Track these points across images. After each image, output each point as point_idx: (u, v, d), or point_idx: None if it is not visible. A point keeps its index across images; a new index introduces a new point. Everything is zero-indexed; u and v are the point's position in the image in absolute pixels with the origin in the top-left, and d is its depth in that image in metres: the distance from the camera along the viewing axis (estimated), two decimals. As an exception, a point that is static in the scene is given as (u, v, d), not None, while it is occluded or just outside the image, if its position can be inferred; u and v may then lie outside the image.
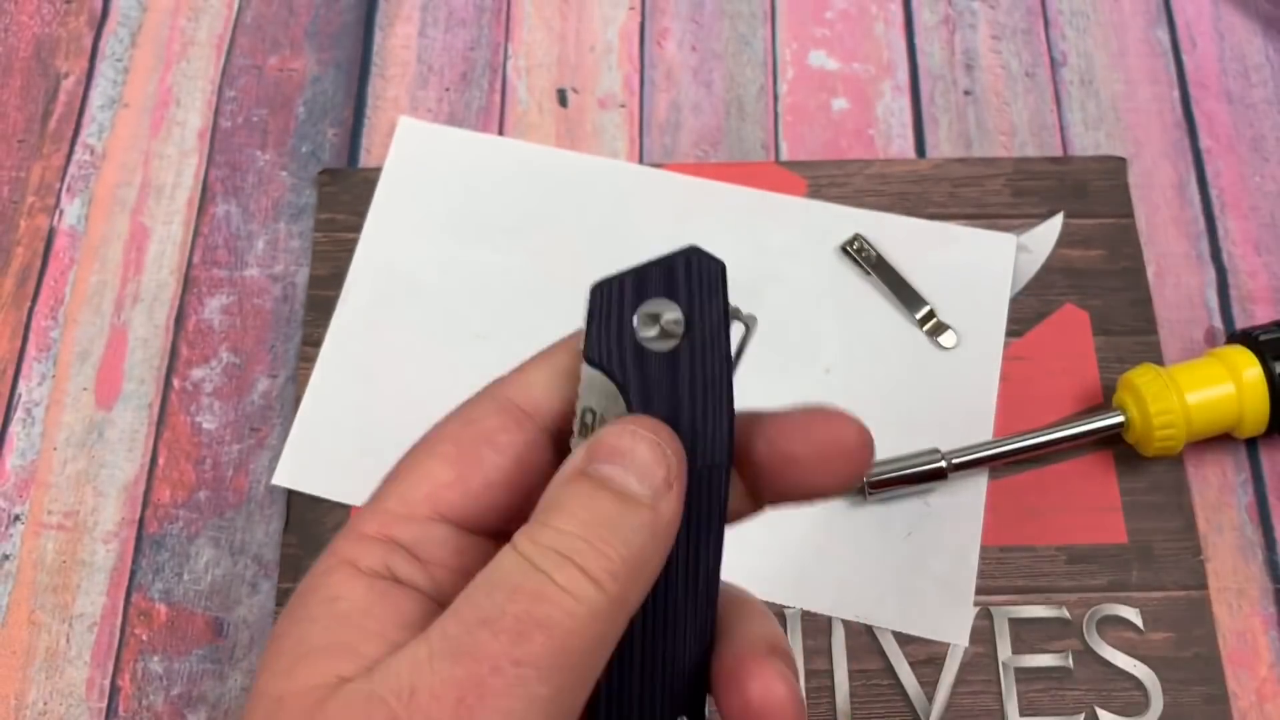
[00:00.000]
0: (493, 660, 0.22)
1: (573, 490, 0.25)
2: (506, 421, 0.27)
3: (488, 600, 0.23)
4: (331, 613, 0.25)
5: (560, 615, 0.23)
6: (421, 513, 0.27)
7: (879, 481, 0.50)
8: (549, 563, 0.23)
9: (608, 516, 0.24)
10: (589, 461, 0.25)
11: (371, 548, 0.26)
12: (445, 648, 0.23)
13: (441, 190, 0.57)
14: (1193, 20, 0.62)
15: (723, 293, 0.27)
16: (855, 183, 0.57)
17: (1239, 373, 0.49)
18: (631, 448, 0.25)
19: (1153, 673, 0.47)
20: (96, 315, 0.55)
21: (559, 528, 0.24)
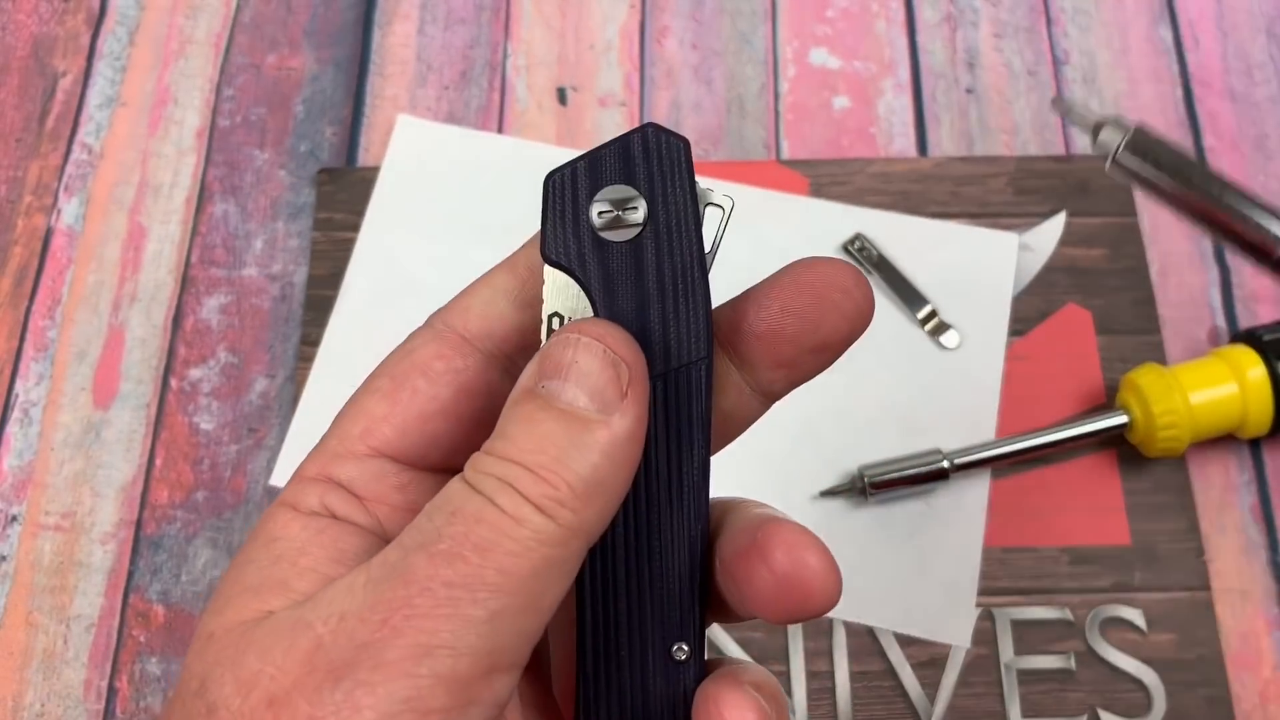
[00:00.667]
0: (422, 582, 0.21)
1: (517, 412, 0.23)
2: (443, 349, 0.26)
3: (427, 524, 0.22)
4: (268, 553, 0.24)
5: (498, 538, 0.22)
6: (358, 450, 0.26)
7: (881, 482, 0.49)
8: (489, 487, 0.22)
9: (553, 439, 0.22)
10: (537, 378, 0.23)
11: (310, 488, 0.26)
12: (381, 574, 0.22)
13: (441, 189, 0.57)
14: (1195, 19, 0.62)
15: (687, 173, 0.24)
16: (857, 181, 0.57)
17: (1242, 373, 0.49)
18: (574, 359, 0.23)
19: (1155, 674, 0.47)
20: (94, 315, 0.55)
21: (501, 454, 0.23)
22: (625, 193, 0.24)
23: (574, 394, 0.23)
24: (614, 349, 0.24)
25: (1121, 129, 0.24)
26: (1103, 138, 0.24)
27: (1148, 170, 0.24)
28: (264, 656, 0.22)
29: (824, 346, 0.26)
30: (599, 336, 0.24)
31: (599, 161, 0.24)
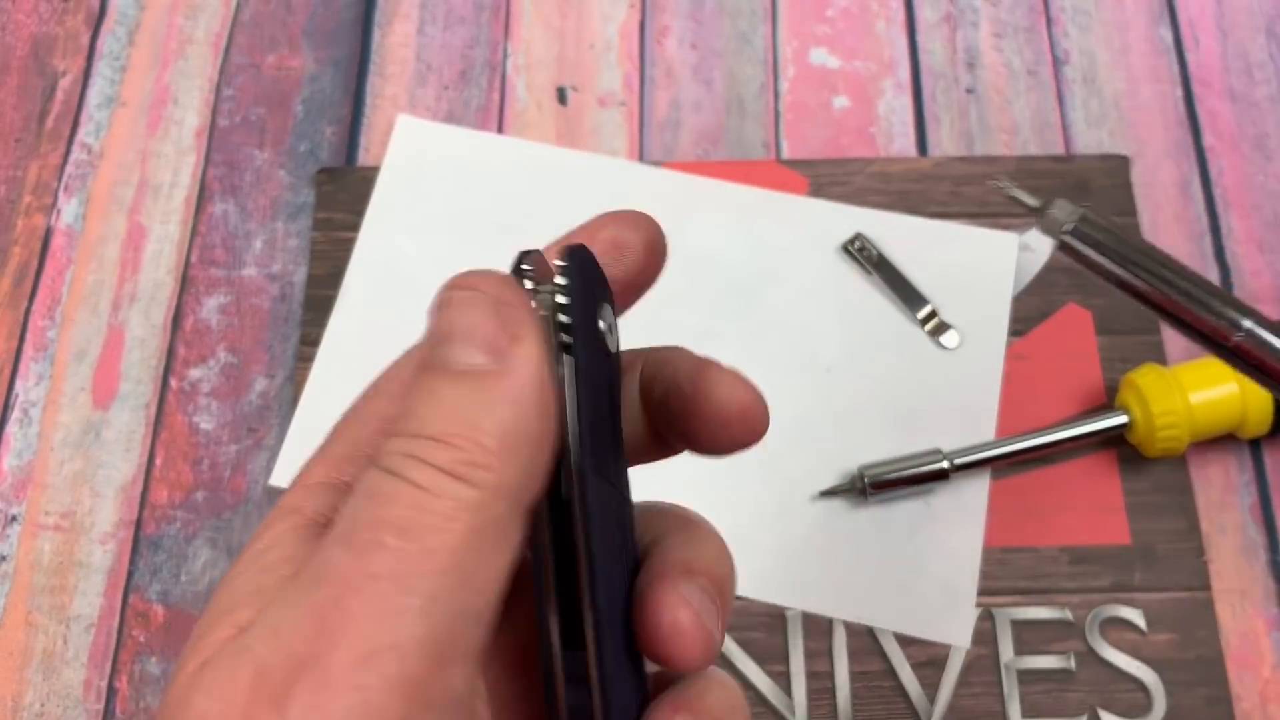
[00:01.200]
0: (347, 579, 0.20)
1: (416, 388, 0.22)
2: None
3: (345, 515, 0.21)
4: (255, 566, 0.23)
5: (417, 514, 0.20)
6: (367, 452, 0.24)
7: (881, 482, 0.49)
8: (399, 464, 0.21)
9: (455, 403, 0.21)
10: (429, 348, 0.22)
11: (315, 494, 0.24)
12: (307, 576, 0.20)
13: (440, 189, 0.57)
14: (1195, 18, 0.62)
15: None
16: (856, 181, 0.57)
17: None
18: (454, 317, 0.22)
19: (1155, 674, 0.47)
20: (93, 315, 0.55)
21: (407, 430, 0.21)
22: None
23: (465, 353, 0.22)
24: (491, 293, 0.22)
25: (1067, 211, 0.24)
26: (1047, 222, 0.24)
27: (1093, 254, 0.24)
28: (210, 693, 0.20)
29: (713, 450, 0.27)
30: (473, 285, 0.22)
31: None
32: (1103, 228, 0.24)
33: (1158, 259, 0.24)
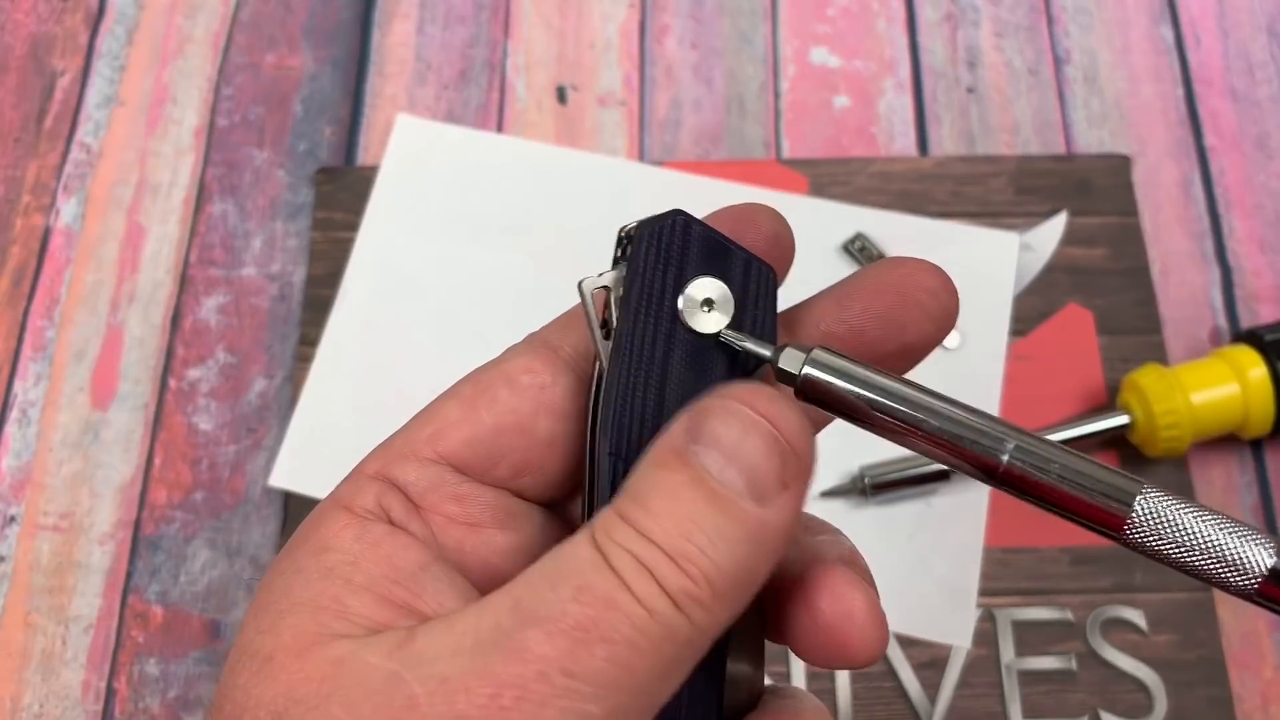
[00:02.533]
0: (541, 664, 0.19)
1: (662, 478, 0.21)
2: (533, 362, 0.25)
3: (551, 595, 0.20)
4: (317, 564, 0.23)
5: (629, 632, 0.20)
6: (423, 453, 0.24)
7: (882, 483, 0.49)
8: (626, 567, 0.20)
9: (699, 523, 0.20)
10: (690, 439, 0.21)
11: (368, 486, 0.24)
12: (493, 640, 0.20)
13: (440, 189, 0.57)
14: (1197, 18, 0.62)
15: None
16: (857, 181, 0.57)
17: (1244, 373, 0.49)
18: (736, 438, 0.21)
19: (1156, 675, 0.47)
20: (92, 315, 0.55)
21: (640, 527, 0.20)
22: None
23: (730, 474, 0.21)
24: (784, 435, 0.21)
25: (801, 350, 0.23)
26: (783, 363, 0.23)
27: (838, 387, 0.23)
28: (352, 710, 0.20)
29: (906, 351, 0.25)
30: (769, 416, 0.21)
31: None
32: (842, 359, 0.23)
33: (914, 387, 0.23)
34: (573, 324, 0.25)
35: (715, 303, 0.23)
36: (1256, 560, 0.21)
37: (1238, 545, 0.21)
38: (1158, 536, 0.22)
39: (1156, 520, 0.22)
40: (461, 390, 0.25)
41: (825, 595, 0.23)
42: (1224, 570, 0.22)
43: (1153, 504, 0.22)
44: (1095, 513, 0.22)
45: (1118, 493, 0.22)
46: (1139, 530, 0.22)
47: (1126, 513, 0.22)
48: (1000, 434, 0.23)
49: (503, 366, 0.25)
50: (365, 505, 0.24)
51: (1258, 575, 0.21)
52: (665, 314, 0.23)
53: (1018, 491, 0.23)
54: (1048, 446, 0.23)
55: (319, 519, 0.24)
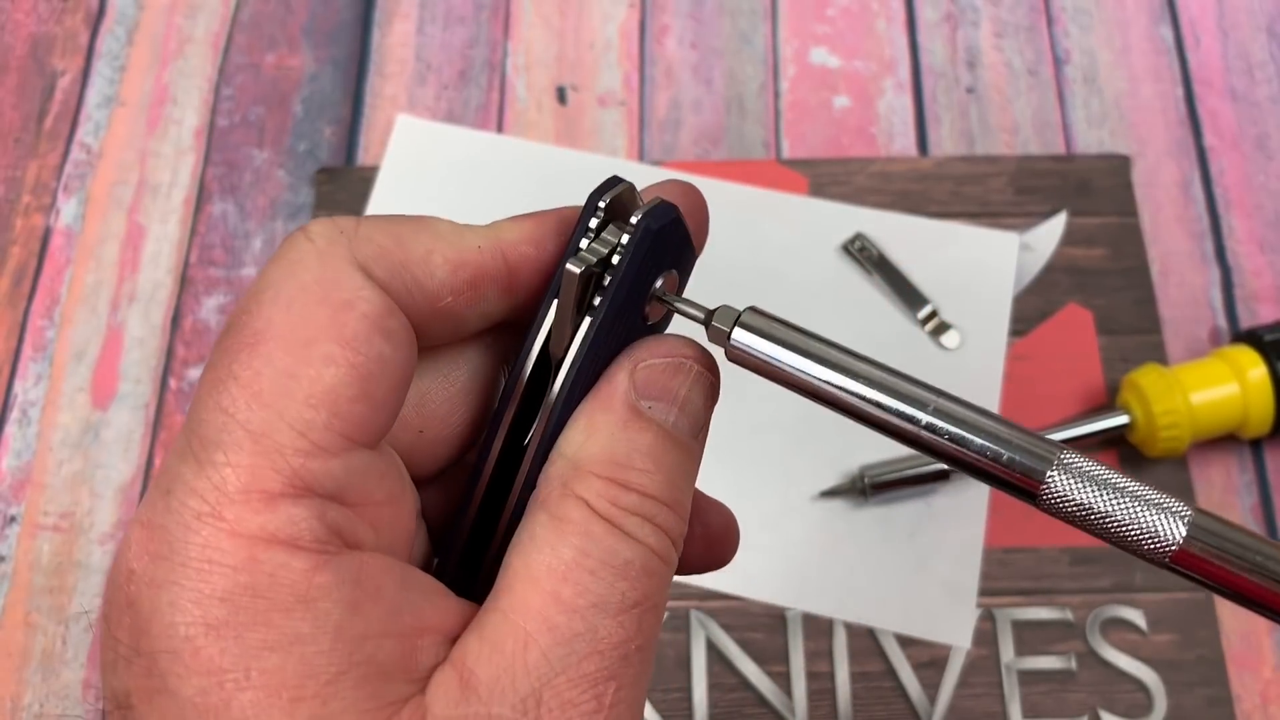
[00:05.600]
0: (620, 649, 0.20)
1: (637, 438, 0.23)
2: (383, 301, 0.22)
3: (594, 580, 0.21)
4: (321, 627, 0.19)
5: (662, 585, 0.22)
6: (328, 441, 0.20)
7: (881, 483, 0.49)
8: (645, 532, 0.22)
9: (677, 471, 0.23)
10: (638, 394, 0.23)
11: (297, 509, 0.20)
12: (559, 639, 0.20)
13: (440, 189, 0.57)
14: (1196, 18, 0.62)
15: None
16: (857, 181, 0.57)
17: (1244, 373, 0.49)
18: (688, 391, 0.24)
19: (1156, 675, 0.47)
20: (92, 315, 0.55)
21: (643, 489, 0.22)
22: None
23: (682, 422, 0.23)
24: (711, 378, 0.24)
25: (733, 312, 0.24)
26: (715, 324, 0.25)
27: (770, 348, 0.24)
28: None
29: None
30: (708, 368, 0.24)
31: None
32: (772, 320, 0.24)
33: (834, 347, 0.24)
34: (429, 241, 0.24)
35: (666, 291, 0.25)
36: (1170, 530, 0.22)
37: (1153, 514, 0.22)
38: (1073, 501, 0.22)
39: (1072, 487, 0.22)
40: (329, 351, 0.21)
41: (711, 512, 0.27)
42: (1140, 537, 0.22)
43: (1069, 469, 0.22)
44: (1011, 476, 0.23)
45: (1034, 457, 0.23)
46: (1054, 495, 0.22)
47: (1042, 477, 0.22)
48: (920, 396, 0.23)
49: (359, 310, 0.21)
50: (315, 533, 0.20)
51: (1172, 544, 0.22)
52: (636, 303, 0.25)
53: (935, 454, 0.23)
54: (966, 408, 0.23)
55: (258, 564, 0.19)
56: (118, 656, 0.20)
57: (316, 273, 0.21)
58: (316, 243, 0.22)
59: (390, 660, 0.20)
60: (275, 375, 0.20)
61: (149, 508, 0.20)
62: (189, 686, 0.19)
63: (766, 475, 0.50)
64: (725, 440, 0.51)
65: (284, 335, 0.20)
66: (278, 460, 0.20)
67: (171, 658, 0.19)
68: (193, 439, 0.20)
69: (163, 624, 0.19)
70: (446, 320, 0.23)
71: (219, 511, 0.19)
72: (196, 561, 0.19)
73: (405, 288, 0.22)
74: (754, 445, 0.51)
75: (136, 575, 0.20)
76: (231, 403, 0.20)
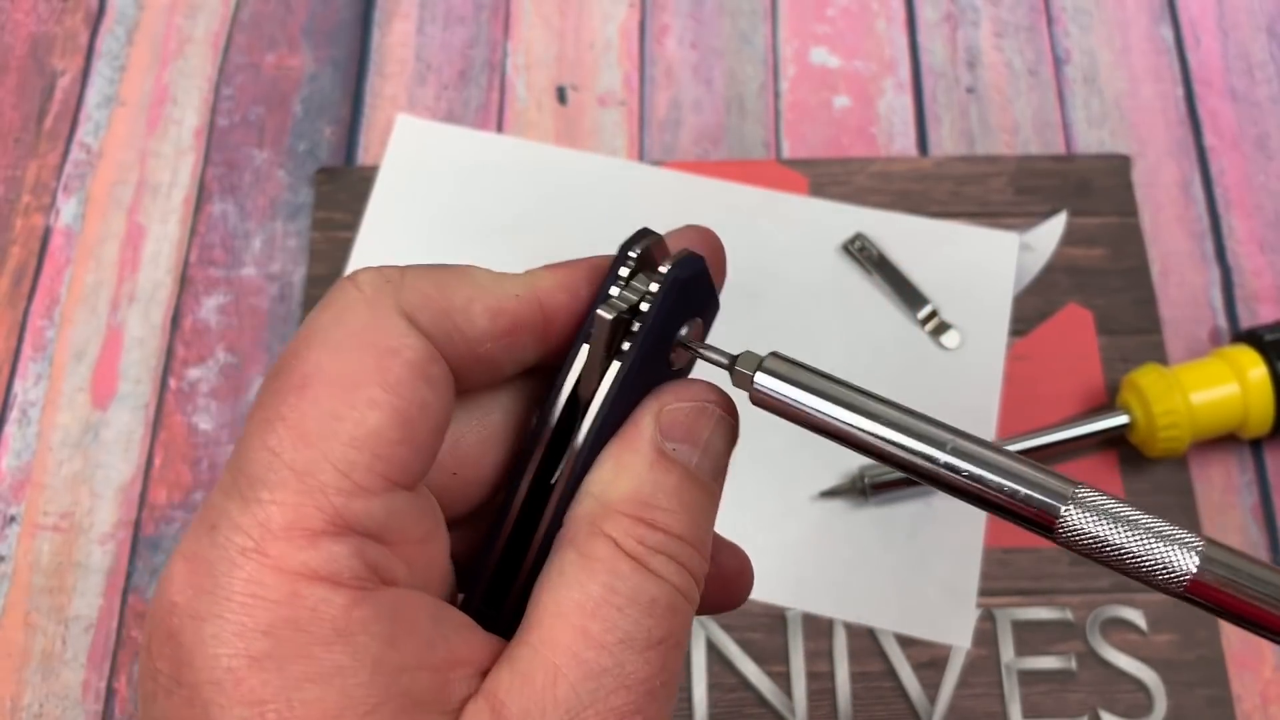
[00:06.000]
0: (647, 684, 0.21)
1: (662, 479, 0.23)
2: (431, 348, 0.22)
3: (621, 616, 0.21)
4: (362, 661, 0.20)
5: (686, 622, 0.22)
6: (369, 482, 0.21)
7: (881, 483, 0.49)
8: (670, 570, 0.22)
9: (700, 513, 0.24)
10: (663, 436, 0.24)
11: (340, 544, 0.20)
12: (587, 673, 0.21)
13: (440, 189, 0.57)
14: (1197, 18, 0.62)
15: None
16: (857, 181, 0.57)
17: (1244, 373, 0.49)
18: (711, 435, 0.24)
19: (1156, 675, 0.47)
20: (92, 315, 0.55)
21: (668, 529, 0.23)
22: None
23: (705, 464, 0.24)
24: (732, 422, 0.25)
25: (755, 357, 0.25)
26: (739, 368, 0.25)
27: (792, 392, 0.25)
28: None
29: None
30: (730, 412, 0.25)
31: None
32: (794, 364, 0.25)
33: (857, 390, 0.25)
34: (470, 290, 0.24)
35: (691, 339, 0.26)
36: (1183, 562, 0.22)
37: (1166, 548, 0.22)
38: (1089, 535, 0.23)
39: (1087, 521, 0.23)
40: (372, 395, 0.21)
41: (725, 553, 0.27)
42: (1154, 570, 0.23)
43: (1084, 505, 0.23)
44: (1028, 512, 0.23)
45: (1050, 493, 0.23)
46: (1070, 530, 0.23)
47: (1058, 513, 0.23)
48: (938, 437, 0.24)
49: (404, 357, 0.22)
50: (354, 570, 0.20)
51: (1185, 575, 0.22)
52: (663, 349, 0.25)
53: (954, 491, 0.24)
54: (983, 447, 0.24)
55: (300, 599, 0.20)
56: (158, 687, 0.20)
57: (364, 320, 0.22)
58: (364, 290, 0.23)
59: (425, 692, 0.21)
60: (321, 417, 0.21)
61: (193, 542, 0.21)
62: (231, 717, 0.19)
63: (766, 475, 0.50)
64: (725, 440, 0.51)
65: (330, 379, 0.21)
66: (321, 499, 0.21)
67: (214, 689, 0.19)
68: (239, 477, 0.21)
69: (205, 656, 0.20)
70: (484, 366, 0.24)
71: (263, 548, 0.20)
72: (240, 595, 0.20)
73: (447, 335, 0.23)
74: (754, 445, 0.51)
75: (179, 608, 0.20)
76: (278, 443, 0.21)
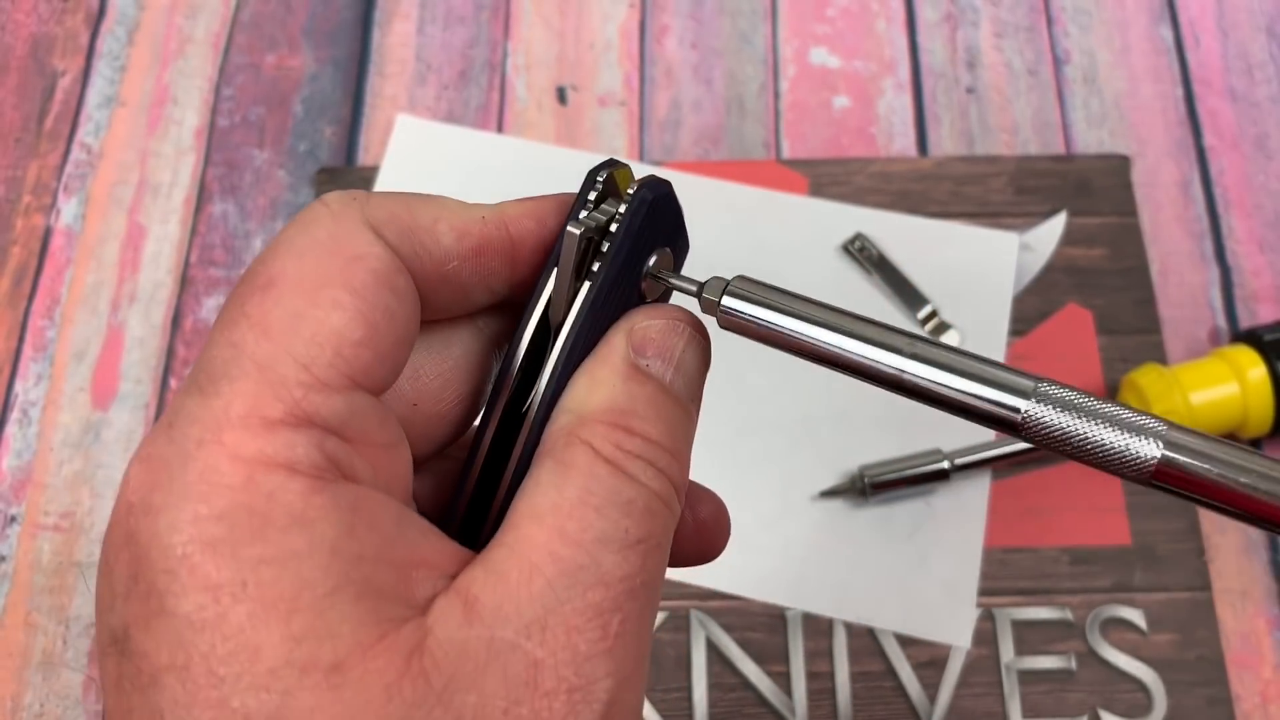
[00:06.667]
0: (625, 583, 0.21)
1: (637, 390, 0.24)
2: (391, 259, 0.23)
3: (598, 516, 0.21)
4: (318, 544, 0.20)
5: (666, 525, 0.23)
6: (331, 378, 0.21)
7: (881, 483, 0.49)
8: (648, 475, 0.23)
9: (674, 420, 0.24)
10: (638, 351, 0.24)
11: (300, 434, 0.20)
12: (563, 570, 0.21)
13: (440, 189, 0.57)
14: (1196, 18, 0.62)
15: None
16: (857, 181, 0.57)
17: (1243, 373, 0.49)
18: (684, 351, 0.25)
19: (1156, 674, 0.47)
20: (93, 315, 0.55)
21: (645, 435, 0.23)
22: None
23: (678, 381, 0.24)
24: (705, 341, 0.25)
25: (722, 281, 0.25)
26: (706, 293, 0.25)
27: (758, 311, 0.25)
28: (481, 690, 0.20)
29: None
30: (701, 331, 0.25)
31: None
32: (760, 286, 0.26)
33: (825, 307, 0.25)
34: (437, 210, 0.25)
35: (658, 269, 0.26)
36: (1147, 448, 0.23)
37: (1130, 436, 0.23)
38: (1053, 428, 0.23)
39: (1051, 415, 0.23)
40: (337, 296, 0.21)
41: (703, 501, 0.27)
42: (1120, 457, 0.23)
43: (1047, 399, 0.23)
44: (992, 410, 0.24)
45: (1013, 390, 0.23)
46: (1035, 423, 0.23)
47: (1021, 409, 0.23)
48: (898, 343, 0.24)
49: (364, 265, 0.22)
50: (312, 460, 0.20)
51: (1151, 461, 0.23)
52: (633, 272, 0.25)
53: (919, 395, 0.24)
54: (944, 350, 0.24)
55: (256, 485, 0.20)
56: (114, 594, 0.20)
57: (330, 229, 0.22)
58: (331, 206, 0.23)
59: (386, 585, 0.20)
60: (284, 315, 0.21)
61: (150, 444, 0.21)
62: (186, 604, 0.19)
63: (766, 475, 0.50)
64: (725, 440, 0.51)
65: (295, 281, 0.21)
66: (280, 390, 0.20)
67: (169, 577, 0.19)
68: (200, 374, 0.21)
69: (160, 547, 0.19)
70: (450, 288, 0.24)
71: (219, 437, 0.20)
72: (195, 485, 0.20)
73: (413, 250, 0.24)
74: (754, 445, 0.51)
75: (134, 507, 0.20)
76: (240, 338, 0.21)
